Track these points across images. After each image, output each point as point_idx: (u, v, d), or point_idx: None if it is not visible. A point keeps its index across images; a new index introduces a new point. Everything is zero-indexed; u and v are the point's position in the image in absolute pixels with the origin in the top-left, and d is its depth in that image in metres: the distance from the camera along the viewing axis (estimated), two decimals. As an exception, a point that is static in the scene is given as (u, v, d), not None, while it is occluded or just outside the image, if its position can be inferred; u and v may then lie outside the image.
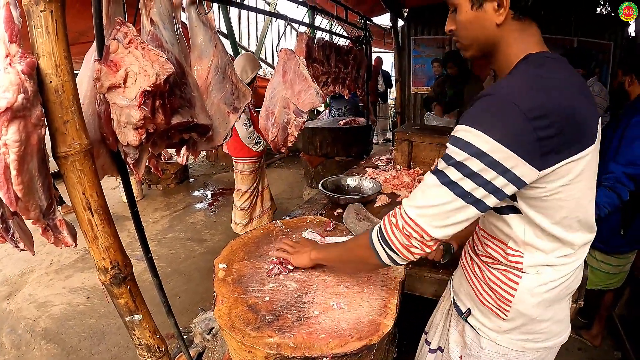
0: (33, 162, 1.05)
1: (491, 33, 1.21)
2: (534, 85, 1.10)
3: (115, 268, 1.28)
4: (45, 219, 1.18)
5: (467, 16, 1.21)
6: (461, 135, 1.09)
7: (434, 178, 1.14)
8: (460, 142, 1.09)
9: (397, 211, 1.23)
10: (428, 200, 1.14)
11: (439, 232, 1.15)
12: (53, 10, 1.04)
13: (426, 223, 1.15)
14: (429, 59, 7.78)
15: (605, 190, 2.52)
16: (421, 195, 1.17)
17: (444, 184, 1.12)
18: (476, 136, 1.06)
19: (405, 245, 1.19)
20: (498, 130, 1.04)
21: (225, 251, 1.83)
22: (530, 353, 1.41)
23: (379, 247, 1.26)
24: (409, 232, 1.17)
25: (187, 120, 1.53)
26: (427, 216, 1.15)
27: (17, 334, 3.67)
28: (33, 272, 4.68)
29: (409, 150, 3.72)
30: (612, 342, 3.45)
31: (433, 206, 1.13)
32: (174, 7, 1.68)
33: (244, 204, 4.63)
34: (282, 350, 1.26)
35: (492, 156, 1.05)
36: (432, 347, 1.73)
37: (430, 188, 1.15)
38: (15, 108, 0.94)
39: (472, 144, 1.06)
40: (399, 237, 1.20)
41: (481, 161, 1.06)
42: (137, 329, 1.42)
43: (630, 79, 2.78)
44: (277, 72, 3.07)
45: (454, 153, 1.10)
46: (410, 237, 1.17)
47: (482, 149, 1.05)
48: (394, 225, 1.21)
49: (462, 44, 1.30)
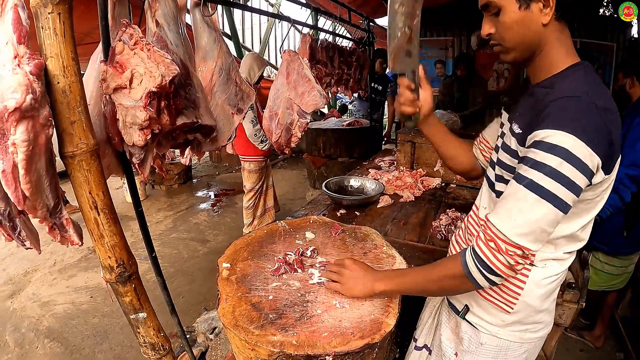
0: (41, 162, 1.06)
1: (537, 34, 1.20)
2: (600, 89, 1.13)
3: (121, 266, 1.29)
4: (52, 218, 1.19)
5: (513, 17, 1.19)
6: (552, 140, 1.06)
7: (530, 192, 1.10)
8: (553, 148, 1.06)
9: (492, 234, 1.17)
10: (528, 217, 1.11)
11: (538, 245, 1.14)
12: (61, 12, 1.06)
13: (528, 240, 1.12)
14: (432, 61, 7.78)
15: (608, 192, 2.53)
16: (519, 213, 1.12)
17: (543, 196, 1.08)
18: (568, 139, 1.04)
19: (510, 266, 1.15)
20: (588, 134, 1.04)
21: (229, 250, 1.84)
22: (526, 344, 1.44)
23: (477, 274, 1.20)
24: (513, 251, 1.13)
25: (192, 121, 1.54)
26: (529, 234, 1.12)
27: (21, 332, 3.69)
28: (37, 271, 4.70)
29: (411, 152, 3.73)
30: (614, 344, 3.45)
31: (534, 222, 1.11)
32: (178, 9, 1.70)
33: (248, 202, 4.71)
34: (285, 349, 1.28)
35: (583, 160, 1.05)
36: (418, 345, 1.75)
37: (528, 204, 1.11)
38: (24, 108, 0.95)
39: (565, 149, 1.04)
40: (503, 260, 1.15)
41: (574, 166, 1.05)
42: (141, 327, 1.43)
43: (631, 81, 2.79)
44: (281, 74, 3.08)
45: (547, 159, 1.07)
46: (514, 256, 1.14)
47: (575, 154, 1.04)
48: (495, 250, 1.16)
49: (504, 46, 1.27)
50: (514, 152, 1.26)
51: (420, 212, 2.90)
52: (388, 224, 2.71)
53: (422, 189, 3.38)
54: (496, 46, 1.29)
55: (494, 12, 1.24)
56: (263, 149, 4.36)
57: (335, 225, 2.09)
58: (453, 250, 1.63)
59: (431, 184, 3.47)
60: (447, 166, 1.79)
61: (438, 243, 2.43)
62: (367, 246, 1.90)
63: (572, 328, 3.48)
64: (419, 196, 3.24)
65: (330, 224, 2.13)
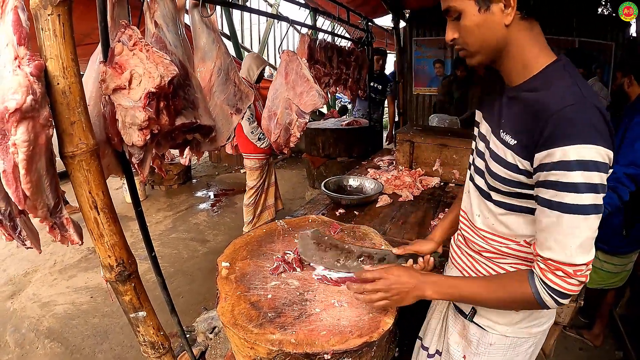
0: (41, 162, 1.07)
1: (500, 35, 1.18)
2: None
3: (121, 265, 1.30)
4: (52, 217, 1.21)
5: (474, 20, 1.17)
6: (575, 156, 1.04)
7: (577, 216, 1.08)
8: (579, 164, 1.04)
9: (558, 265, 1.13)
10: (583, 238, 1.09)
11: (593, 252, 1.13)
12: (60, 14, 1.07)
13: (588, 254, 1.11)
14: (431, 60, 7.79)
15: (607, 191, 2.53)
16: (574, 239, 1.10)
17: (587, 212, 1.07)
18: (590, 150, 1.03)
19: (580, 283, 1.14)
20: (601, 138, 1.04)
21: (228, 250, 1.85)
22: (532, 338, 1.45)
23: (550, 302, 1.17)
24: (581, 269, 1.12)
25: (191, 121, 1.55)
26: (587, 249, 1.11)
27: (21, 333, 3.69)
28: (37, 271, 4.71)
29: (410, 151, 3.74)
30: (613, 342, 3.45)
31: (587, 239, 1.10)
32: (177, 10, 1.71)
33: (249, 199, 4.75)
34: (284, 347, 1.29)
35: (606, 162, 1.05)
36: (430, 352, 1.74)
37: (578, 227, 1.09)
38: (24, 109, 0.96)
39: (590, 160, 1.03)
40: (575, 282, 1.13)
41: (598, 171, 1.04)
42: (141, 326, 1.44)
43: (629, 80, 2.80)
44: (280, 74, 3.09)
45: (578, 177, 1.04)
46: (583, 273, 1.13)
47: (600, 160, 1.03)
48: (565, 276, 1.13)
49: (468, 51, 1.25)
50: (512, 165, 1.22)
51: (419, 212, 2.91)
52: (387, 223, 2.71)
53: (421, 188, 3.38)
54: (461, 50, 1.28)
55: (455, 16, 1.22)
56: (261, 146, 4.39)
57: (334, 224, 2.10)
58: (454, 255, 1.61)
59: (430, 183, 3.48)
60: None
61: (437, 242, 2.44)
62: (366, 245, 1.90)
63: (571, 327, 3.48)
64: (418, 195, 3.25)
65: (329, 223, 2.14)
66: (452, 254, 1.64)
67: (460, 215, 1.58)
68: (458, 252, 1.59)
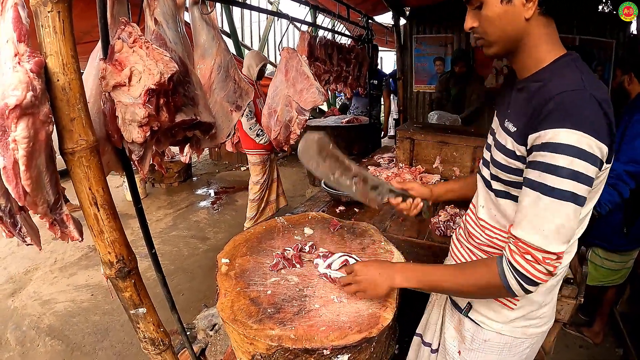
0: (41, 158, 1.08)
1: (520, 28, 1.20)
2: (594, 80, 1.14)
3: (121, 262, 1.31)
4: (52, 214, 1.21)
5: (496, 10, 1.19)
6: (562, 139, 1.05)
7: (554, 200, 1.09)
8: (563, 147, 1.05)
9: (526, 247, 1.14)
10: (556, 223, 1.10)
11: (569, 243, 1.14)
12: (60, 11, 1.07)
13: (561, 244, 1.11)
14: (431, 58, 7.75)
15: (607, 188, 2.54)
16: (547, 222, 1.11)
17: (564, 199, 1.08)
18: (577, 136, 1.04)
19: (549, 272, 1.15)
20: (593, 127, 1.04)
21: (228, 246, 1.86)
22: (529, 339, 1.45)
23: (516, 287, 1.18)
24: (550, 258, 1.12)
25: (191, 118, 1.55)
26: (559, 238, 1.11)
27: (22, 330, 3.70)
28: (37, 269, 4.71)
29: (410, 148, 3.74)
30: (613, 340, 3.46)
31: (562, 226, 1.10)
32: (177, 7, 1.71)
33: (254, 194, 4.80)
34: (283, 343, 1.29)
35: (593, 153, 1.05)
36: (434, 347, 1.74)
37: (552, 210, 1.09)
38: (24, 105, 0.96)
39: (574, 146, 1.04)
40: (542, 269, 1.14)
41: (585, 160, 1.04)
42: (141, 323, 1.45)
43: (629, 77, 2.80)
44: (280, 71, 3.09)
45: (560, 160, 1.06)
46: (552, 262, 1.13)
47: (583, 148, 1.04)
48: (533, 262, 1.14)
49: (486, 40, 1.27)
50: (511, 152, 1.24)
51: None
52: (387, 220, 2.72)
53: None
54: (479, 39, 1.30)
55: (476, 5, 1.24)
56: (260, 142, 4.43)
57: (333, 220, 2.10)
58: (454, 249, 1.62)
59: (430, 181, 3.47)
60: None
61: (437, 239, 2.45)
62: (365, 242, 1.91)
63: (571, 324, 3.49)
64: (418, 193, 3.24)
65: (329, 219, 2.14)
66: (452, 247, 1.65)
67: (469, 209, 1.60)
68: (458, 246, 1.60)
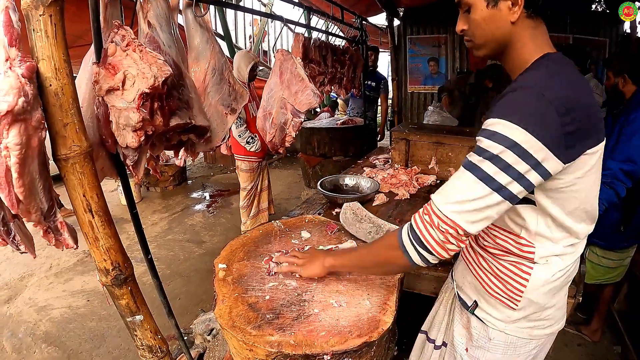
0: (34, 165, 1.06)
1: (506, 31, 1.23)
2: (558, 79, 1.15)
3: (117, 269, 1.29)
4: (46, 221, 1.19)
5: (482, 14, 1.23)
6: (496, 128, 1.10)
7: (469, 174, 1.14)
8: (496, 136, 1.10)
9: (429, 209, 1.21)
10: (464, 195, 1.14)
11: (473, 228, 1.16)
12: (52, 15, 1.05)
13: (462, 219, 1.14)
14: (425, 58, 7.78)
15: (603, 187, 2.54)
16: (456, 191, 1.16)
17: (480, 178, 1.12)
18: (511, 129, 1.07)
19: (441, 243, 1.18)
20: (532, 123, 1.07)
21: (224, 251, 1.84)
22: (535, 340, 1.45)
23: (410, 247, 1.24)
24: (445, 228, 1.16)
25: (185, 121, 1.54)
26: (463, 212, 1.14)
27: (18, 337, 3.67)
28: (33, 275, 4.68)
29: (406, 149, 3.73)
30: (611, 337, 3.46)
31: (469, 201, 1.13)
32: (170, 10, 1.70)
33: (242, 201, 4.78)
34: (282, 349, 1.27)
35: (527, 149, 1.07)
36: (437, 344, 1.74)
37: (466, 183, 1.15)
38: (16, 111, 0.95)
39: (507, 137, 1.08)
40: (435, 235, 1.18)
41: (516, 154, 1.08)
42: (138, 330, 1.43)
43: (623, 79, 2.81)
44: (274, 73, 3.08)
45: (489, 146, 1.11)
46: (446, 234, 1.16)
47: (517, 142, 1.07)
48: (428, 224, 1.19)
49: (474, 43, 1.32)
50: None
51: (415, 210, 2.84)
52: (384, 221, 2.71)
53: (417, 186, 3.37)
54: (469, 42, 1.34)
55: (466, 9, 1.28)
56: (250, 150, 4.38)
57: (330, 224, 2.09)
58: (464, 248, 1.62)
59: (426, 181, 3.47)
60: None
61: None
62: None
63: (569, 323, 3.48)
64: (414, 194, 3.23)
65: (326, 222, 2.13)
66: (464, 247, 1.64)
67: None
68: (467, 246, 1.59)
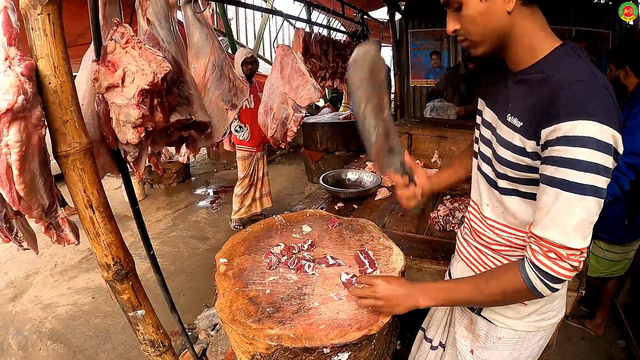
0: (34, 162, 1.07)
1: (504, 22, 1.16)
2: (596, 68, 1.11)
3: (118, 264, 1.30)
4: (47, 218, 1.20)
5: (477, 9, 1.15)
6: (580, 132, 1.02)
7: (574, 195, 1.05)
8: (582, 140, 1.02)
9: (550, 246, 1.11)
10: (577, 219, 1.07)
11: (589, 240, 1.11)
12: (50, 13, 1.06)
13: (583, 239, 1.09)
14: (427, 52, 7.75)
15: (607, 180, 2.54)
16: (569, 219, 1.07)
17: (585, 193, 1.04)
18: (594, 127, 1.01)
19: (575, 268, 1.12)
20: (609, 116, 1.02)
21: (226, 246, 1.85)
22: (541, 332, 1.44)
23: (541, 287, 1.15)
24: (574, 254, 1.09)
25: (186, 117, 1.55)
26: (582, 233, 1.08)
27: (24, 335, 3.69)
28: (38, 274, 4.71)
29: (408, 143, 3.74)
30: (615, 331, 3.46)
31: (583, 221, 1.07)
32: (170, 6, 1.70)
33: (238, 189, 5.15)
34: (282, 342, 1.28)
35: (611, 143, 1.03)
36: (434, 344, 1.74)
37: (574, 206, 1.06)
38: (16, 109, 0.96)
39: (594, 138, 1.01)
40: (568, 266, 1.11)
41: (605, 153, 1.03)
42: (140, 325, 1.44)
43: (624, 72, 2.78)
44: (275, 68, 3.08)
45: (580, 154, 1.02)
46: (576, 258, 1.10)
47: (604, 140, 1.02)
48: (558, 260, 1.11)
49: (471, 41, 1.23)
50: (520, 148, 1.20)
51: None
52: (386, 216, 2.71)
53: (420, 180, 3.36)
54: (464, 41, 1.26)
55: (455, 7, 1.21)
56: (240, 138, 4.71)
57: (331, 218, 2.09)
58: (461, 248, 1.60)
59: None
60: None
61: (436, 234, 2.44)
62: (364, 238, 1.90)
63: (573, 317, 3.49)
64: (417, 188, 3.23)
65: (327, 217, 2.13)
66: (459, 246, 1.62)
67: (470, 206, 1.57)
68: (465, 245, 1.57)
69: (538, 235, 1.13)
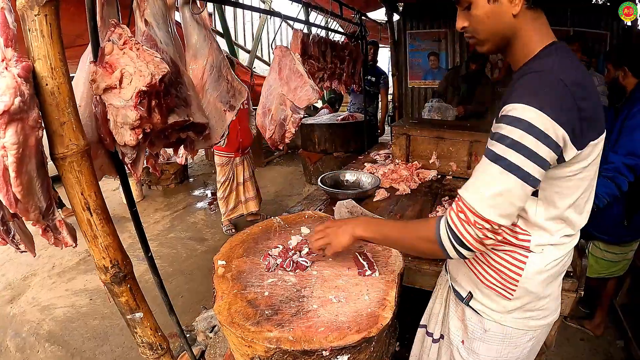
0: (31, 164, 1.06)
1: (509, 24, 1.24)
2: (570, 65, 1.17)
3: (115, 267, 1.29)
4: (44, 220, 1.20)
5: (484, 10, 1.24)
6: (517, 114, 1.10)
7: (496, 166, 1.13)
8: (517, 121, 1.10)
9: (462, 206, 1.18)
10: (495, 189, 1.13)
11: (507, 220, 1.15)
12: (47, 14, 1.06)
13: (496, 214, 1.13)
14: (425, 53, 7.76)
15: (605, 181, 2.54)
16: (486, 185, 1.15)
17: (507, 169, 1.11)
18: (531, 112, 1.08)
19: (479, 239, 1.17)
20: (551, 107, 1.08)
21: (224, 248, 1.84)
22: (531, 331, 1.45)
23: (447, 244, 1.22)
24: (481, 224, 1.15)
25: (184, 119, 1.54)
26: (496, 207, 1.13)
27: (22, 337, 3.68)
28: (35, 275, 4.69)
29: (406, 144, 3.73)
30: (614, 332, 3.45)
31: (500, 194, 1.12)
32: (167, 8, 1.70)
33: (220, 193, 5.30)
34: (281, 345, 1.28)
35: (547, 132, 1.08)
36: (435, 337, 1.75)
37: (494, 176, 1.13)
38: (13, 111, 0.95)
39: (527, 121, 1.08)
40: (472, 232, 1.16)
41: (537, 138, 1.08)
42: (138, 327, 1.44)
43: (623, 72, 2.79)
44: (273, 69, 3.07)
45: (512, 132, 1.10)
46: (483, 230, 1.15)
47: (537, 125, 1.07)
48: (464, 221, 1.17)
49: (477, 39, 1.32)
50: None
51: (416, 205, 2.90)
52: (384, 217, 2.71)
53: (418, 181, 3.37)
54: (471, 39, 1.35)
55: (465, 6, 1.29)
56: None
57: (330, 219, 2.08)
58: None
59: (427, 177, 3.47)
60: None
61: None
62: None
63: (572, 317, 3.48)
64: (415, 189, 3.24)
65: (326, 218, 2.13)
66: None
67: None
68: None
69: (460, 193, 1.22)
